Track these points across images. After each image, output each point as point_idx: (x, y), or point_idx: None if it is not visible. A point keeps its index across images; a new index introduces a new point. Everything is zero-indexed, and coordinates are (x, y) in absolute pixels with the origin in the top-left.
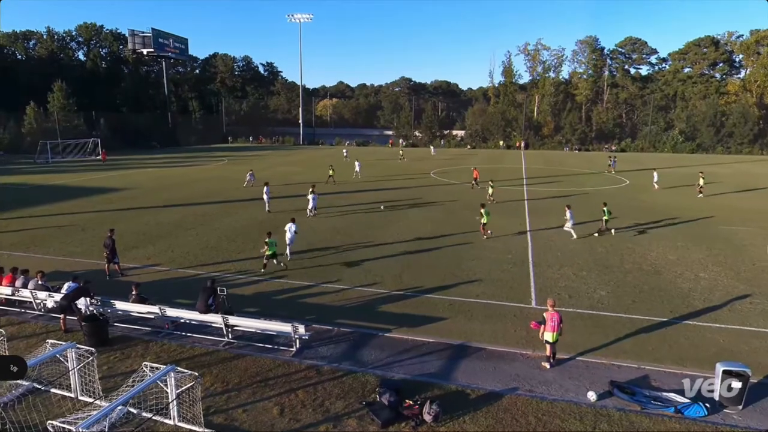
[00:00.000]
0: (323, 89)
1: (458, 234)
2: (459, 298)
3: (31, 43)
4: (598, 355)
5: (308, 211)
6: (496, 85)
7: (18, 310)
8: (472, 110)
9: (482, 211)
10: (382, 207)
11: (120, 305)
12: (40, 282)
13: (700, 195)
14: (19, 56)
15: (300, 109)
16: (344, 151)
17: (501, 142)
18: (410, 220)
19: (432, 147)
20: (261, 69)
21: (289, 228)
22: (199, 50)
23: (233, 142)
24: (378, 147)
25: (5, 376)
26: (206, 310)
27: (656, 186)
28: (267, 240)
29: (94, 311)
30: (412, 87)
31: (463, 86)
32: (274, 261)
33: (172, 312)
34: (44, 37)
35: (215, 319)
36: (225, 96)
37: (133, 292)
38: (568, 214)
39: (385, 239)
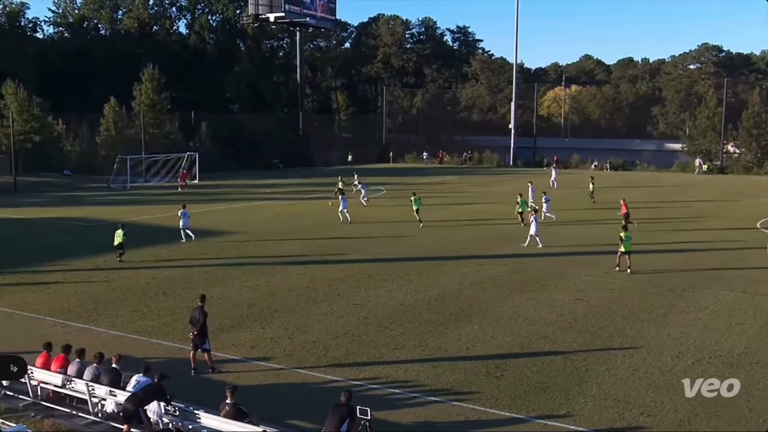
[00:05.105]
0: (554, 70)
1: None
2: None
3: (119, 12)
4: None
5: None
6: None
7: (67, 410)
8: None
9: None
10: None
11: (206, 419)
12: (96, 366)
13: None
14: (102, 31)
15: (512, 104)
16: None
17: None
18: (710, 309)
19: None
20: (448, 38)
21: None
22: (351, 13)
23: (399, 160)
24: (639, 173)
25: (5, 376)
26: None
27: None
28: (119, 231)
29: (170, 425)
30: (723, 63)
31: None
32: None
33: None
34: (135, 2)
35: None
36: (389, 84)
37: (228, 401)
38: None
39: (658, 343)
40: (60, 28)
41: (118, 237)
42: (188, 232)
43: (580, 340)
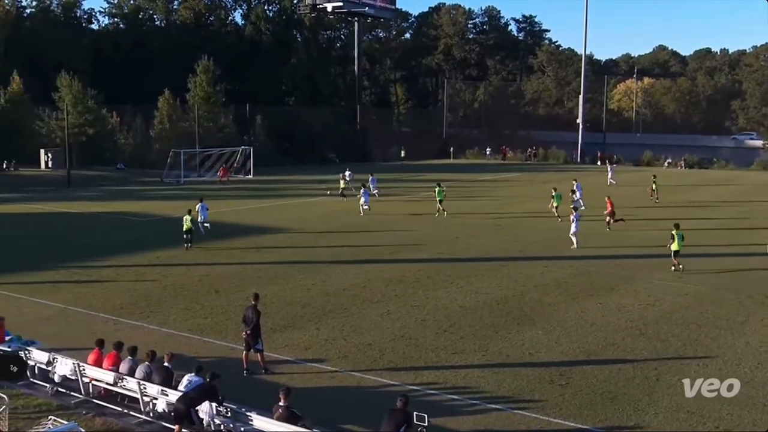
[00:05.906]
0: (625, 61)
1: None
2: None
3: (175, 3)
4: None
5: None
6: None
7: (119, 409)
8: None
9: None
10: None
11: (259, 421)
12: (147, 365)
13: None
14: (158, 22)
15: (580, 97)
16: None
17: None
18: None
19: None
20: (513, 28)
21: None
22: (412, 2)
23: (460, 156)
24: (716, 172)
25: (5, 376)
26: None
27: None
28: (187, 217)
29: (221, 426)
30: None
31: None
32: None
33: None
34: None
35: None
36: (450, 76)
37: (281, 403)
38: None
39: (735, 353)
40: (115, 20)
41: (187, 222)
42: (206, 225)
43: (651, 347)
